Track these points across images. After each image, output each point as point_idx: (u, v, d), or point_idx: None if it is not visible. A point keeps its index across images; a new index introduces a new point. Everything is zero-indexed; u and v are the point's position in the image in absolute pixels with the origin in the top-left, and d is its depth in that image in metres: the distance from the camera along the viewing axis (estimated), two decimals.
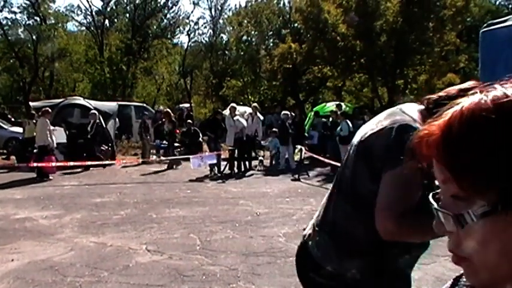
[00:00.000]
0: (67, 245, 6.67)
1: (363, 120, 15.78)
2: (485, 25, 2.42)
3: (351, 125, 14.05)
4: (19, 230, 7.62)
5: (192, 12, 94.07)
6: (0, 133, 19.54)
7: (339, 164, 10.42)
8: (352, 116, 16.53)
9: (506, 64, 2.30)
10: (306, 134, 19.07)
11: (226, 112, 21.94)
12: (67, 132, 16.44)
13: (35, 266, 5.79)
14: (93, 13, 40.03)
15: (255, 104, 18.73)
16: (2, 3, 38.03)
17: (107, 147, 16.47)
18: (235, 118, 15.15)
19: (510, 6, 38.65)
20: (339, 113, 15.33)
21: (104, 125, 16.48)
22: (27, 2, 38.15)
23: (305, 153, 16.06)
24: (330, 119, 15.72)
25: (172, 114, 17.43)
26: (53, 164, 13.70)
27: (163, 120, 18.87)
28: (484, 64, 2.43)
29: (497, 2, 41.68)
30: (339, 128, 14.07)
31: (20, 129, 18.43)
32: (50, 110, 14.56)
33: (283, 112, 17.19)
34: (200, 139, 16.87)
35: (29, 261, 5.99)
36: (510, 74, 2.39)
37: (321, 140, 17.19)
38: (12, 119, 24.61)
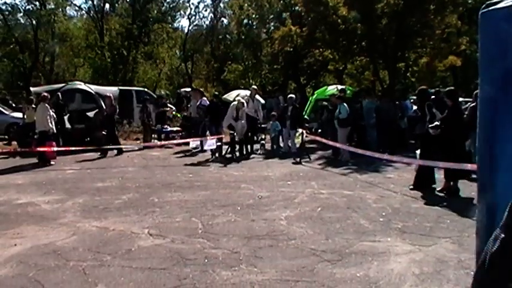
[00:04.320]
0: (69, 230, 6.67)
1: (360, 104, 15.79)
2: (484, 6, 2.38)
3: (347, 108, 13.97)
4: (21, 215, 7.63)
5: None
6: (2, 118, 19.54)
7: (342, 146, 10.45)
8: (350, 99, 16.48)
9: (505, 44, 2.28)
10: (307, 118, 19.05)
11: (229, 97, 21.94)
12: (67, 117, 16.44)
13: (38, 251, 5.80)
14: None
15: (254, 86, 18.64)
16: None
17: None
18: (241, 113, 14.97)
19: None
20: (336, 96, 15.23)
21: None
22: None
23: (306, 136, 16.05)
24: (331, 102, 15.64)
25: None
26: (55, 149, 13.72)
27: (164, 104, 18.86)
28: (483, 45, 2.40)
29: None
30: (337, 111, 14.00)
31: (20, 115, 18.45)
32: (48, 95, 14.47)
33: (290, 96, 17.06)
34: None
35: (32, 245, 6.00)
36: (507, 55, 2.36)
37: (322, 125, 17.09)
38: (13, 105, 24.64)
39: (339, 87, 19.13)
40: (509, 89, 2.23)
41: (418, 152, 9.97)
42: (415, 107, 13.70)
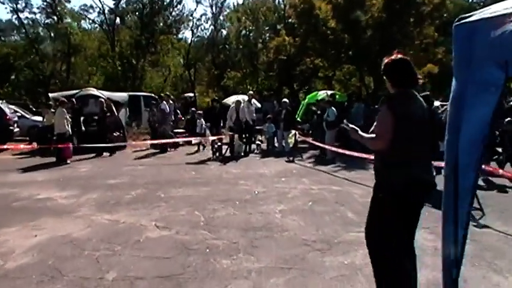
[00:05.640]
0: (84, 222, 6.67)
1: (352, 107, 15.85)
2: (457, 19, 2.49)
3: (335, 111, 13.93)
4: (41, 208, 7.63)
5: (195, 9, 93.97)
6: (24, 122, 19.56)
7: (328, 147, 10.40)
8: (346, 102, 16.62)
9: (469, 54, 2.43)
10: (299, 120, 19.05)
11: (228, 101, 21.91)
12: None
13: (56, 241, 5.79)
14: (105, 12, 40.18)
15: (251, 92, 18.65)
16: (24, 4, 38.73)
17: (118, 133, 16.44)
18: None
19: (481, 3, 38.96)
20: (325, 100, 15.18)
21: (116, 113, 16.41)
22: (45, 3, 38.53)
23: (298, 137, 16.06)
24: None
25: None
26: (71, 147, 13.74)
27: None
28: (456, 55, 2.51)
29: (470, 0, 41.95)
30: (326, 114, 13.91)
31: (40, 118, 18.43)
32: (66, 100, 14.51)
33: (283, 100, 17.05)
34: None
35: (51, 236, 6.00)
36: (475, 61, 2.49)
37: (312, 126, 17.09)
38: (34, 109, 24.69)
39: (329, 92, 19.15)
40: (470, 90, 2.42)
41: None
42: None
